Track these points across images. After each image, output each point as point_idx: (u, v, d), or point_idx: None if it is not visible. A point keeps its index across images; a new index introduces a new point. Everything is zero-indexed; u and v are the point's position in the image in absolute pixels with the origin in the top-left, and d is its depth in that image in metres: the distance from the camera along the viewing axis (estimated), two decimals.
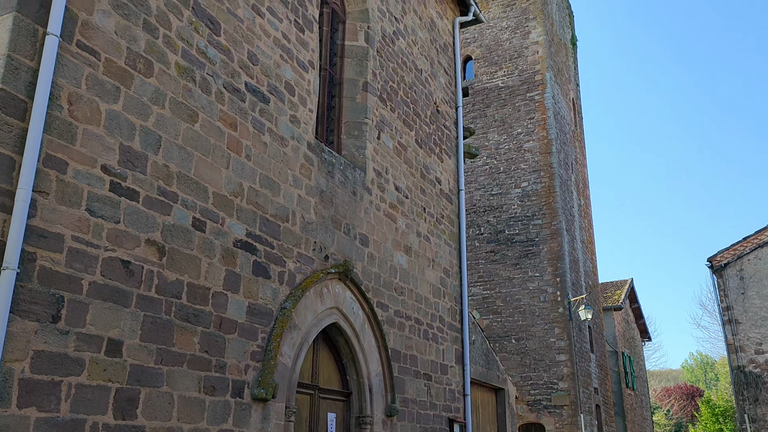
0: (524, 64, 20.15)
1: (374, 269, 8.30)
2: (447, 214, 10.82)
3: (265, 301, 6.26)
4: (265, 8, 6.86)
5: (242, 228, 6.09)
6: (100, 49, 4.87)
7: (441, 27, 11.75)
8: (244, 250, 6.08)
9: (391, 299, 8.59)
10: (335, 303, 7.37)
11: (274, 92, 6.84)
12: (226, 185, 5.96)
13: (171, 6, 5.60)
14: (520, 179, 19.18)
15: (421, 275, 9.56)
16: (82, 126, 4.64)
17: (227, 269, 5.84)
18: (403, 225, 9.25)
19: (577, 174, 22.02)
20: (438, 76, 11.32)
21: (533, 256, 18.37)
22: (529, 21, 20.45)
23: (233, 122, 6.16)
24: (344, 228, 7.77)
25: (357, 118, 8.62)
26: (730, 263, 17.14)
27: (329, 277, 7.27)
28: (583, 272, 20.35)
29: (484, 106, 20.35)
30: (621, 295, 26.13)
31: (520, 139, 19.55)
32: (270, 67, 6.82)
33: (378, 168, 8.77)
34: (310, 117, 7.44)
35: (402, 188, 9.36)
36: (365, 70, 8.84)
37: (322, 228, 7.35)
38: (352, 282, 7.66)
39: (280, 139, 6.84)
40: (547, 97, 19.55)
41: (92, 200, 4.63)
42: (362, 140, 8.55)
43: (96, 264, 4.60)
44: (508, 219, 18.99)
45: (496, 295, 18.50)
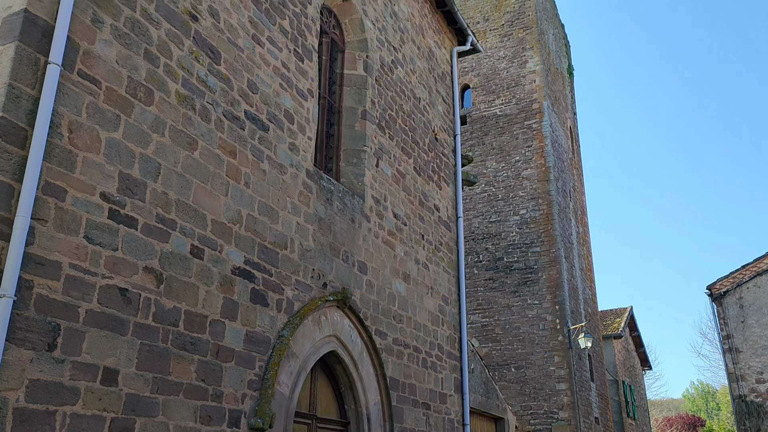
0: (522, 92, 20.33)
1: (373, 297, 8.27)
2: (445, 242, 10.82)
3: (262, 329, 6.23)
4: (265, 38, 6.94)
5: (240, 255, 6.08)
6: (101, 77, 4.92)
7: (439, 56, 11.88)
8: (242, 277, 6.06)
9: (389, 327, 8.54)
10: (333, 331, 7.33)
11: (274, 120, 6.89)
12: (224, 213, 5.96)
13: (172, 36, 5.67)
14: (519, 207, 19.22)
15: (420, 303, 9.52)
16: (82, 154, 4.67)
17: (225, 297, 5.81)
18: (402, 252, 9.24)
19: (575, 201, 22.07)
20: (436, 104, 11.41)
21: (532, 283, 18.32)
22: (526, 51, 20.68)
23: (232, 150, 6.20)
24: (343, 255, 7.76)
25: (356, 146, 8.67)
26: (729, 291, 17.09)
27: (327, 304, 7.24)
28: (582, 300, 20.28)
29: (483, 134, 20.48)
30: (621, 323, 25.99)
31: (518, 166, 19.63)
32: (269, 96, 6.88)
33: (376, 195, 8.79)
34: (309, 145, 7.48)
35: (400, 215, 9.37)
36: (364, 99, 8.92)
37: (321, 255, 7.34)
38: (350, 310, 7.63)
39: (279, 166, 6.86)
40: (544, 126, 19.68)
41: (90, 228, 4.63)
42: (361, 168, 8.58)
43: (93, 292, 4.58)
44: (507, 246, 18.98)
45: (495, 323, 18.40)
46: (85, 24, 4.85)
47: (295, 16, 7.58)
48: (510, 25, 21.25)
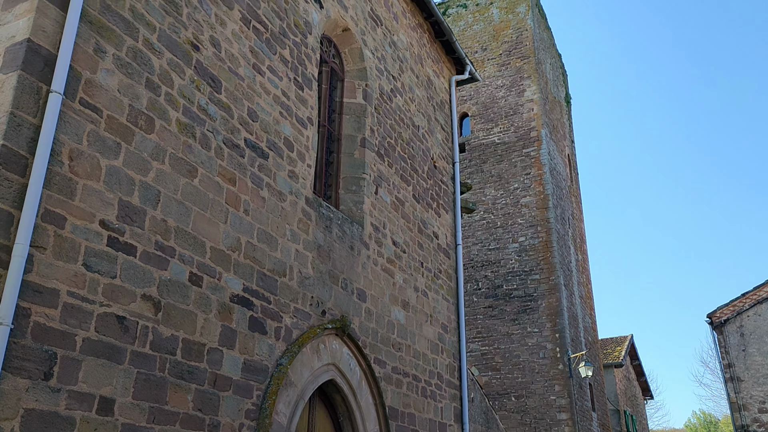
0: (520, 121, 20.47)
1: (372, 325, 8.22)
2: (445, 269, 10.80)
3: (260, 358, 6.18)
4: (265, 67, 7.01)
5: (239, 283, 6.06)
6: (103, 106, 4.95)
7: (438, 85, 11.99)
8: (240, 305, 6.03)
9: (388, 355, 8.48)
10: (332, 359, 7.28)
11: (273, 148, 6.93)
12: (223, 240, 5.96)
13: (174, 65, 5.73)
14: (518, 234, 19.22)
15: (419, 331, 9.47)
16: (82, 181, 4.68)
17: (223, 325, 5.78)
18: (401, 280, 9.22)
19: (574, 229, 22.09)
20: (435, 132, 11.48)
21: (532, 311, 18.24)
22: (524, 80, 20.88)
23: (232, 177, 6.22)
24: (342, 283, 7.74)
25: (355, 174, 8.70)
26: (729, 319, 17.01)
27: (326, 332, 7.20)
28: (582, 328, 20.17)
29: (481, 162, 20.57)
30: (621, 352, 25.82)
31: (516, 194, 19.69)
32: (269, 124, 6.92)
33: (376, 223, 8.80)
34: (309, 172, 7.51)
35: (399, 243, 9.37)
36: (363, 127, 8.98)
37: (320, 283, 7.32)
38: (349, 338, 7.58)
39: (279, 194, 6.88)
40: (542, 153, 19.78)
41: (89, 255, 4.63)
42: (360, 195, 8.60)
43: (90, 320, 4.55)
44: (506, 274, 18.93)
45: (494, 351, 18.28)
46: (87, 53, 4.90)
47: (296, 45, 7.67)
48: (508, 54, 21.49)
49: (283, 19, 7.49)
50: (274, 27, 7.29)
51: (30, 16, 4.51)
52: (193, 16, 6.06)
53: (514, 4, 21.95)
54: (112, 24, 5.16)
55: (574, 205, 22.97)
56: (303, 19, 7.91)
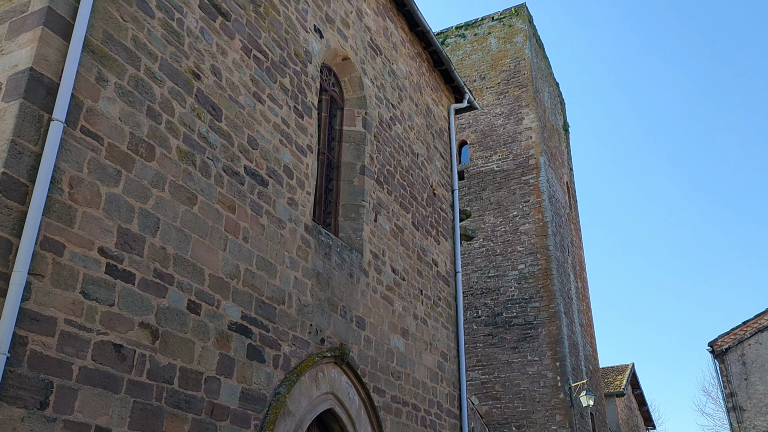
0: (518, 148, 20.58)
1: (371, 353, 8.16)
2: (444, 297, 10.76)
3: (259, 386, 6.12)
4: (265, 95, 7.07)
5: (238, 311, 6.03)
6: (104, 134, 4.98)
7: (436, 113, 12.08)
8: (239, 333, 5.99)
9: (387, 384, 8.40)
10: (331, 388, 7.21)
11: (273, 176, 6.95)
12: (222, 267, 5.95)
13: (175, 94, 5.77)
14: (517, 261, 19.18)
15: (419, 359, 9.40)
16: (82, 209, 4.68)
17: (221, 353, 5.74)
18: (400, 307, 9.17)
19: (574, 256, 22.06)
20: (434, 160, 11.53)
21: (532, 339, 18.12)
22: (522, 108, 21.04)
23: (231, 205, 6.23)
24: (341, 310, 7.70)
25: (354, 201, 8.72)
26: (731, 348, 16.89)
27: (325, 361, 7.14)
28: (583, 356, 20.02)
29: (480, 189, 20.63)
30: (623, 381, 25.59)
31: (516, 221, 19.70)
32: (269, 152, 6.96)
33: (375, 250, 8.79)
34: (308, 200, 7.53)
35: (399, 270, 9.35)
36: (362, 154, 9.02)
37: (319, 310, 7.28)
38: (348, 366, 7.52)
39: (278, 221, 6.88)
40: (541, 181, 19.85)
41: (87, 283, 4.61)
42: (359, 222, 8.61)
43: (87, 348, 4.52)
44: (506, 301, 18.85)
45: (495, 380, 18.11)
46: (89, 82, 4.94)
47: (296, 74, 7.74)
48: (506, 83, 21.69)
49: (283, 48, 7.57)
50: (274, 56, 7.36)
51: (33, 45, 4.56)
52: (194, 46, 6.13)
53: (512, 34, 22.23)
54: (114, 53, 5.22)
55: (574, 233, 22.97)
56: (303, 49, 8.00)
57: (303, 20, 8.10)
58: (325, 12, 8.68)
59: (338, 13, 9.05)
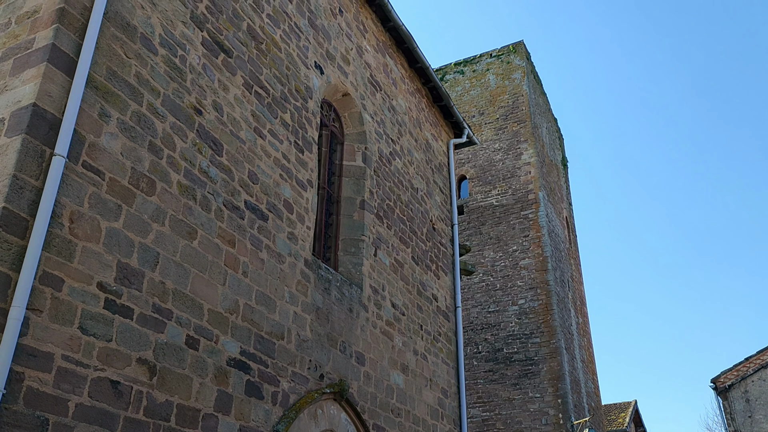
0: (517, 183, 20.67)
1: (370, 389, 8.07)
2: (444, 332, 10.68)
3: (256, 423, 6.03)
4: (266, 130, 7.13)
5: (236, 346, 5.98)
6: (105, 169, 5.01)
7: (436, 148, 12.16)
8: (237, 368, 5.93)
9: (387, 421, 8.28)
10: (330, 425, 7.10)
11: (273, 210, 6.96)
12: (221, 302, 5.91)
13: (176, 129, 5.82)
14: (517, 296, 19.09)
15: (419, 395, 9.28)
16: (82, 243, 4.68)
17: (219, 389, 5.67)
18: (400, 343, 9.10)
19: (574, 292, 21.96)
20: (433, 194, 11.57)
21: (533, 375, 17.92)
22: (521, 143, 21.20)
23: (231, 239, 6.22)
24: (340, 346, 7.64)
25: (354, 236, 8.71)
26: (734, 385, 16.70)
27: (324, 397, 7.05)
28: (585, 393, 19.78)
29: (480, 224, 20.64)
30: (626, 418, 25.24)
31: (515, 256, 19.67)
32: (269, 186, 6.98)
33: (374, 285, 8.75)
34: (308, 234, 7.52)
35: (398, 305, 9.30)
36: (362, 189, 9.05)
37: (318, 346, 7.22)
38: (347, 403, 7.42)
39: (278, 255, 6.87)
40: (540, 216, 19.88)
41: (85, 318, 4.58)
42: (359, 257, 8.59)
43: (84, 384, 4.47)
44: (506, 337, 18.70)
45: (496, 417, 17.86)
46: (92, 118, 4.99)
47: (296, 110, 7.81)
48: (504, 119, 21.89)
49: (284, 84, 7.66)
50: (275, 92, 7.44)
51: (37, 81, 4.61)
52: (197, 82, 6.20)
53: (510, 70, 22.51)
54: (118, 89, 5.28)
55: (573, 268, 22.91)
56: (304, 85, 8.09)
57: (304, 57, 8.20)
58: (326, 49, 8.80)
59: (339, 50, 9.18)
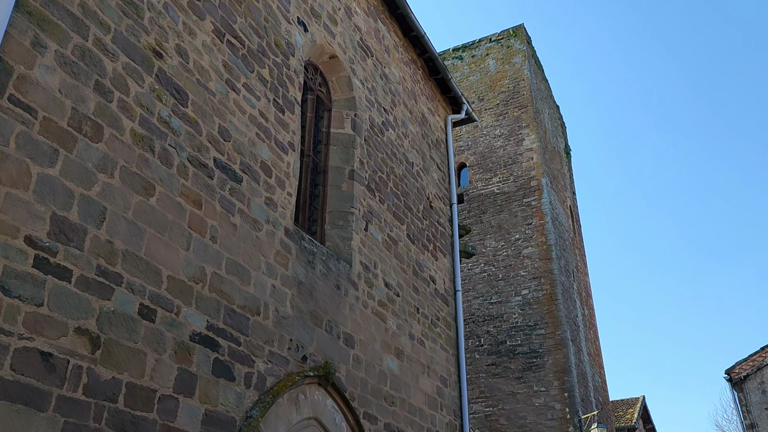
0: (519, 170, 19.90)
1: (360, 374, 7.31)
2: (443, 317, 9.91)
3: (226, 408, 5.27)
4: (240, 84, 6.38)
5: (202, 319, 5.22)
6: (39, 106, 4.26)
7: (433, 123, 11.41)
8: (203, 345, 5.17)
9: (380, 410, 7.52)
10: (314, 413, 6.34)
11: (248, 171, 6.21)
12: (184, 268, 5.16)
13: (131, 70, 5.07)
14: (520, 287, 18.32)
15: (415, 383, 8.52)
16: (6, 189, 3.93)
17: (180, 368, 4.91)
18: (394, 325, 8.34)
19: (579, 282, 21.18)
20: (430, 171, 10.82)
21: (537, 368, 17.14)
22: (522, 129, 20.44)
23: (197, 199, 5.47)
24: (326, 325, 6.88)
25: (342, 208, 7.96)
26: (750, 375, 15.89)
27: (307, 381, 6.29)
28: (592, 387, 18.99)
29: (480, 213, 19.88)
30: (633, 414, 24.42)
31: (518, 245, 18.90)
32: (244, 145, 6.23)
33: (365, 261, 8.00)
34: (289, 201, 6.78)
35: (392, 285, 8.54)
36: (352, 158, 8.30)
37: (300, 324, 6.46)
38: (334, 388, 6.66)
39: (253, 221, 6.12)
40: (544, 203, 19.11)
41: (9, 276, 3.83)
42: (348, 231, 7.84)
43: (6, 355, 3.71)
44: (509, 329, 17.93)
45: (499, 413, 17.07)
46: (23, 46, 4.24)
47: (276, 66, 7.06)
48: (505, 104, 21.13)
49: (262, 37, 6.91)
50: (251, 44, 6.69)
51: None
52: (156, 21, 5.45)
53: (510, 55, 21.76)
54: (57, 18, 4.53)
55: (578, 258, 22.13)
56: (285, 40, 7.34)
57: (285, 10, 7.46)
58: (310, 5, 8.06)
59: (325, 8, 8.43)
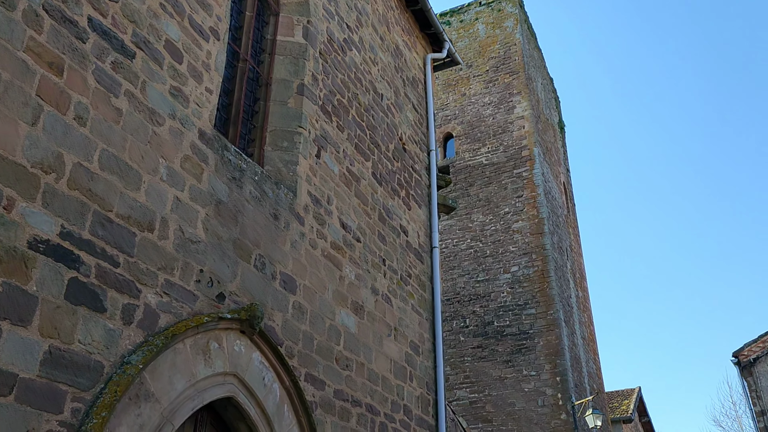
0: (510, 139, 18.45)
1: (304, 327, 5.82)
2: (416, 274, 8.44)
3: (87, 347, 3.77)
4: None
5: (53, 222, 3.72)
6: None
7: (409, 59, 9.93)
8: (52, 258, 3.67)
9: (329, 373, 6.03)
10: (232, 367, 4.85)
11: (145, 48, 4.70)
12: (27, 149, 3.66)
13: None
14: (510, 263, 16.86)
15: (378, 346, 7.04)
16: None
17: (8, 284, 3.41)
18: (352, 275, 6.85)
19: (573, 263, 19.75)
20: (404, 109, 9.34)
21: (528, 351, 15.69)
22: (513, 96, 18.98)
23: (57, 63, 3.96)
24: (257, 260, 5.39)
25: (288, 127, 6.47)
26: (760, 358, 14.49)
27: (223, 325, 4.79)
28: (587, 373, 17.57)
29: (467, 185, 18.41)
30: (629, 405, 23.02)
31: (507, 219, 17.44)
32: (140, 13, 4.72)
33: (316, 194, 6.51)
34: (208, 99, 5.28)
35: (351, 227, 7.06)
36: (302, 71, 6.80)
37: (217, 253, 4.97)
38: (264, 339, 5.17)
39: (150, 112, 4.61)
40: (536, 174, 17.67)
41: None
42: (293, 154, 6.35)
43: None
44: (497, 309, 16.47)
45: (485, 399, 15.61)
46: None
47: None
48: (495, 70, 19.67)
49: None
50: None
51: None
52: None
53: (501, 19, 20.31)
54: None
55: (572, 238, 20.70)
56: None
57: None
58: None
59: None
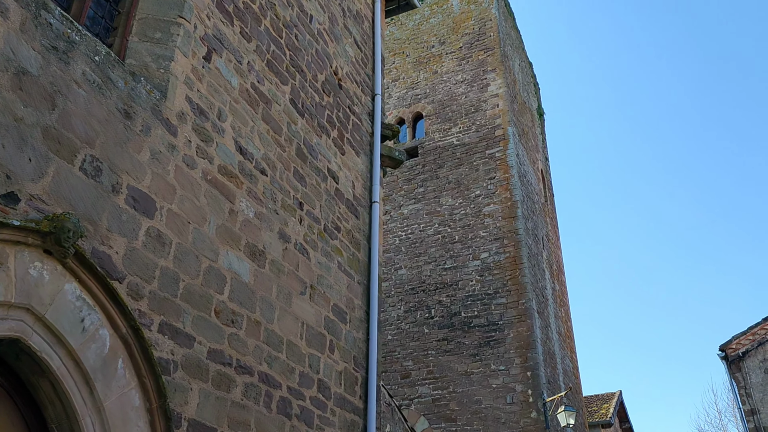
0: (483, 118, 17.15)
1: (163, 262, 4.39)
2: (347, 229, 7.04)
3: None
4: None
5: None
6: None
7: None
8: None
9: (203, 326, 4.60)
10: (23, 297, 3.41)
11: None
12: None
13: None
14: (479, 249, 15.50)
15: (285, 304, 5.62)
16: None
17: None
18: (250, 212, 5.44)
19: (550, 253, 18.43)
20: (342, 42, 7.98)
21: (496, 343, 14.29)
22: (488, 73, 17.71)
23: None
24: (86, 162, 3.97)
25: (163, 15, 5.07)
26: (749, 352, 13.19)
27: (6, 235, 3.36)
28: (561, 371, 16.19)
29: (437, 167, 17.07)
30: (609, 409, 21.64)
31: (478, 202, 16.10)
32: None
33: (200, 102, 5.11)
34: None
35: (253, 155, 5.65)
36: None
37: (11, 138, 3.55)
38: (85, 266, 3.73)
39: None
40: (509, 154, 16.36)
41: None
42: (168, 48, 4.95)
43: None
44: (465, 298, 15.08)
45: (449, 396, 14.17)
46: None
47: None
48: (469, 47, 18.41)
49: None
50: None
51: None
52: None
53: None
54: None
55: (550, 228, 19.39)
56: None
57: None
58: None
59: None
